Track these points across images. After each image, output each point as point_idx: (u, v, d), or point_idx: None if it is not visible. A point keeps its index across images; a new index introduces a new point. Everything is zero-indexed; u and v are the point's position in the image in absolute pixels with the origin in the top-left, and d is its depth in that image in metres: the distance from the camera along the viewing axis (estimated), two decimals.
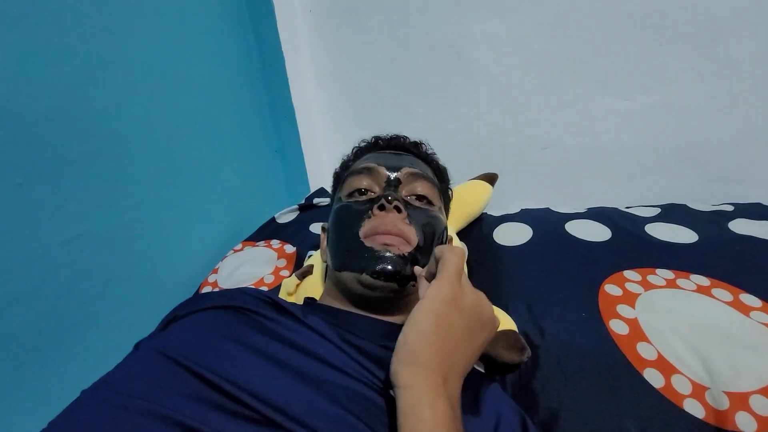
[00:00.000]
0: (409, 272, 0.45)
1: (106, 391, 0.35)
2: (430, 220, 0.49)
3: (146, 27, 0.72)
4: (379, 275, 0.43)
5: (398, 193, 0.50)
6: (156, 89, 0.74)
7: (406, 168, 0.52)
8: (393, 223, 0.46)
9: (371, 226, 0.46)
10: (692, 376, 0.43)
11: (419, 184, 0.52)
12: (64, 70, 0.59)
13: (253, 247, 0.83)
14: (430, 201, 0.52)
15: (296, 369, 0.37)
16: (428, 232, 0.48)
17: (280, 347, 0.39)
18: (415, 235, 0.47)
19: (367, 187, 0.51)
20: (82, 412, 0.34)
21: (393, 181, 0.51)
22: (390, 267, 0.43)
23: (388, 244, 0.45)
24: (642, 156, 0.85)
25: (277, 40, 0.94)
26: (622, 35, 0.79)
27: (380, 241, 0.45)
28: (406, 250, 0.45)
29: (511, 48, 0.88)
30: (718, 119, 0.78)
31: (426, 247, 0.47)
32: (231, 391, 0.33)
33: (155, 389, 0.34)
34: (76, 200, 0.61)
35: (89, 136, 0.63)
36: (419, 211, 0.49)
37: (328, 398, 0.35)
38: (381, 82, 1.00)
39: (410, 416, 0.29)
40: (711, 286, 0.50)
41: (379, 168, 0.52)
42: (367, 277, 0.44)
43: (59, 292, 0.60)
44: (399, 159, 0.55)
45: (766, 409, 0.40)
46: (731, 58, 0.74)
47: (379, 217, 0.46)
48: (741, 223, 0.61)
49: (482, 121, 0.95)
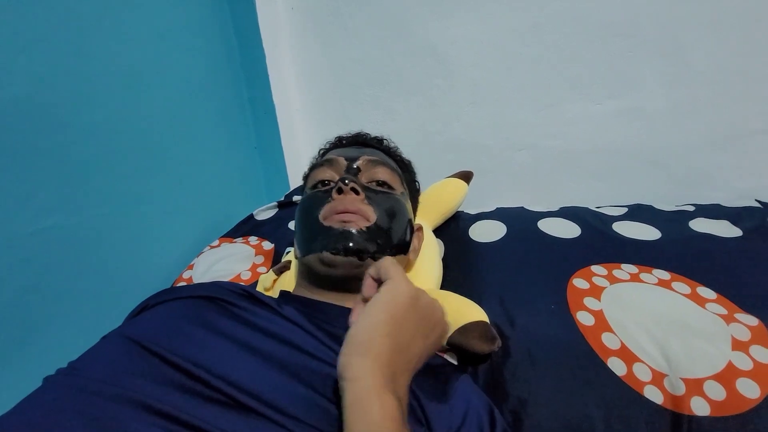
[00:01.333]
0: (369, 248, 0.46)
1: (70, 376, 0.34)
2: (391, 202, 0.50)
3: (124, 18, 0.71)
4: (338, 251, 0.44)
5: (358, 179, 0.51)
6: (133, 82, 0.73)
7: (365, 156, 0.54)
8: (352, 203, 0.47)
9: (329, 207, 0.48)
10: (652, 364, 0.45)
11: (379, 170, 0.53)
12: (35, 57, 0.58)
13: (230, 243, 0.82)
14: (390, 186, 0.53)
15: (268, 354, 0.37)
16: (388, 212, 0.49)
17: (251, 333, 0.39)
18: (374, 212, 0.48)
19: (329, 178, 0.53)
20: (46, 396, 0.33)
21: (353, 169, 0.52)
22: (349, 243, 0.44)
23: (346, 221, 0.46)
24: (612, 158, 0.88)
25: (259, 37, 0.94)
26: (595, 42, 0.83)
27: (337, 218, 0.46)
28: (364, 225, 0.47)
29: (490, 52, 0.90)
30: (681, 124, 0.82)
31: (385, 226, 0.48)
32: (199, 375, 0.33)
33: (121, 373, 0.34)
34: (46, 191, 0.60)
35: (61, 126, 0.61)
36: (380, 195, 0.50)
37: (301, 382, 0.35)
38: (362, 81, 1.01)
39: (357, 410, 0.28)
40: (671, 279, 0.53)
41: (339, 158, 0.54)
42: (327, 254, 0.45)
43: (25, 287, 0.58)
44: (359, 151, 0.56)
45: (718, 394, 0.42)
46: (694, 67, 0.78)
47: (338, 200, 0.48)
48: (700, 222, 0.64)
49: (461, 123, 0.97)
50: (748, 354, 0.43)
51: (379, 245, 0.47)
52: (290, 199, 0.91)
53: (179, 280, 0.74)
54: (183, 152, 0.84)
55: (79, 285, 0.65)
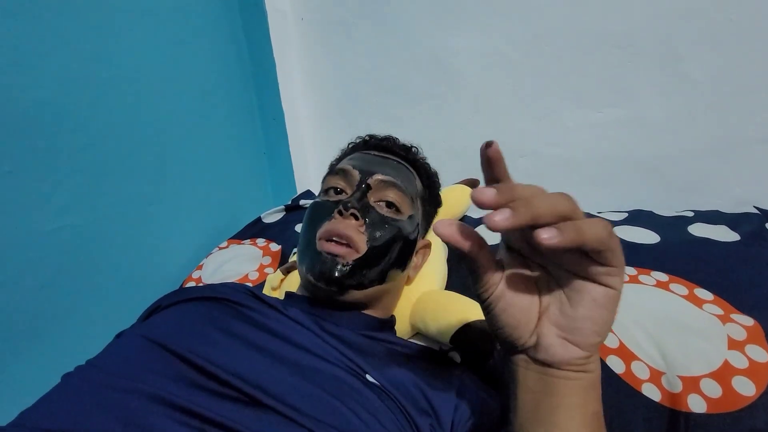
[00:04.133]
0: (351, 282, 0.46)
1: (91, 372, 0.36)
2: (390, 229, 0.50)
3: (142, 26, 0.74)
4: (320, 278, 0.46)
5: (366, 199, 0.51)
6: (149, 87, 0.76)
7: (378, 175, 0.52)
8: (346, 229, 0.47)
9: (326, 229, 0.48)
10: (650, 362, 0.46)
11: (390, 192, 0.52)
12: (58, 62, 0.60)
13: (238, 244, 0.84)
14: (398, 209, 0.52)
15: (276, 354, 0.39)
16: (381, 241, 0.49)
17: (261, 334, 0.41)
18: (366, 243, 0.48)
19: (341, 187, 0.53)
20: (69, 390, 0.34)
21: (363, 187, 0.51)
22: (334, 274, 0.45)
23: (334, 254, 0.46)
24: (612, 166, 0.90)
25: (269, 46, 0.97)
26: (594, 53, 0.85)
27: (326, 248, 0.47)
28: (351, 258, 0.47)
29: (492, 62, 0.93)
30: (680, 133, 0.84)
31: (374, 256, 0.48)
32: (213, 371, 0.34)
33: (141, 370, 0.35)
34: (64, 191, 0.62)
35: (80, 128, 0.64)
36: (381, 219, 0.50)
37: (308, 380, 0.37)
38: (368, 90, 1.04)
39: (595, 391, 0.29)
40: (669, 281, 0.54)
41: (353, 171, 0.52)
42: (311, 277, 0.47)
43: (42, 282, 0.60)
44: (379, 163, 0.55)
45: (714, 391, 0.43)
46: (692, 77, 0.80)
47: (336, 222, 0.48)
48: (699, 227, 0.65)
49: (464, 130, 0.99)
50: (743, 353, 0.44)
51: (363, 275, 0.47)
52: (297, 203, 0.93)
53: (188, 280, 0.76)
54: (194, 156, 0.87)
55: (92, 282, 0.67)
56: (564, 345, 0.28)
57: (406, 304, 0.57)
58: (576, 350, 0.28)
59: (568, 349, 0.28)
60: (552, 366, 0.28)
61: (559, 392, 0.29)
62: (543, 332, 0.29)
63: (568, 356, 0.28)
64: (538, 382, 0.29)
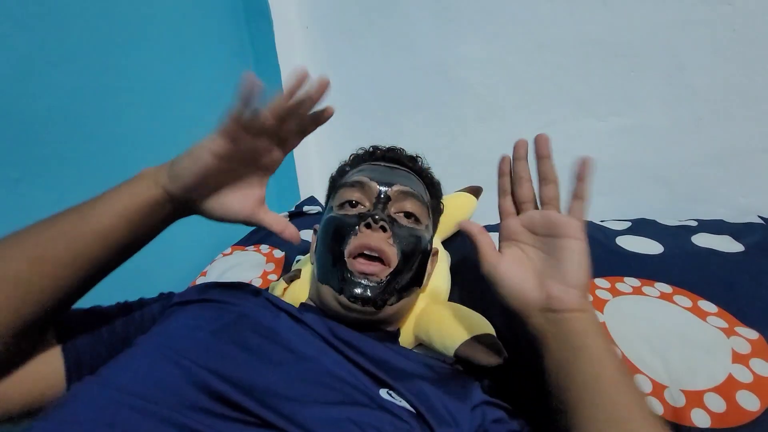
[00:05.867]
0: (387, 299, 0.47)
1: (101, 387, 0.34)
2: (414, 240, 0.50)
3: (149, 35, 0.75)
4: (356, 299, 0.46)
5: (387, 209, 0.51)
6: (156, 95, 0.77)
7: (398, 186, 0.53)
8: (377, 242, 0.48)
9: (356, 244, 0.48)
10: (653, 376, 0.46)
11: (409, 202, 0.53)
12: (67, 72, 0.61)
13: (242, 251, 0.84)
14: (417, 219, 0.53)
15: (293, 371, 0.38)
16: (409, 251, 0.50)
17: (276, 348, 0.40)
18: (396, 256, 0.48)
19: (357, 200, 0.52)
20: (78, 406, 0.33)
21: (383, 197, 0.51)
22: (368, 294, 0.46)
23: (368, 274, 0.47)
24: (615, 174, 0.90)
25: (274, 53, 0.98)
26: (597, 62, 0.85)
27: (359, 268, 0.47)
28: (384, 275, 0.47)
29: (496, 70, 0.93)
30: (684, 142, 0.84)
31: (405, 267, 0.49)
32: (227, 394, 0.33)
33: (152, 388, 0.34)
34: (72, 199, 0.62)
35: (88, 137, 0.65)
36: (405, 230, 0.50)
37: (321, 401, 0.36)
38: (372, 97, 1.04)
39: (598, 333, 0.38)
40: (673, 293, 0.54)
41: (371, 183, 0.52)
42: (344, 299, 0.46)
43: None
44: (392, 174, 0.55)
45: (718, 406, 0.43)
46: (694, 85, 0.80)
47: (365, 236, 0.48)
48: (703, 237, 0.65)
49: (467, 138, 1.00)
50: (748, 367, 0.44)
51: (396, 291, 0.48)
52: (301, 210, 0.93)
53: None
54: None
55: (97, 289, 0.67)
56: (566, 290, 0.39)
57: (410, 315, 0.57)
58: (575, 291, 0.39)
59: (570, 293, 0.39)
60: (564, 311, 0.39)
61: (577, 330, 0.38)
62: (549, 287, 0.40)
63: (571, 298, 0.39)
64: (559, 329, 0.38)
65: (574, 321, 0.38)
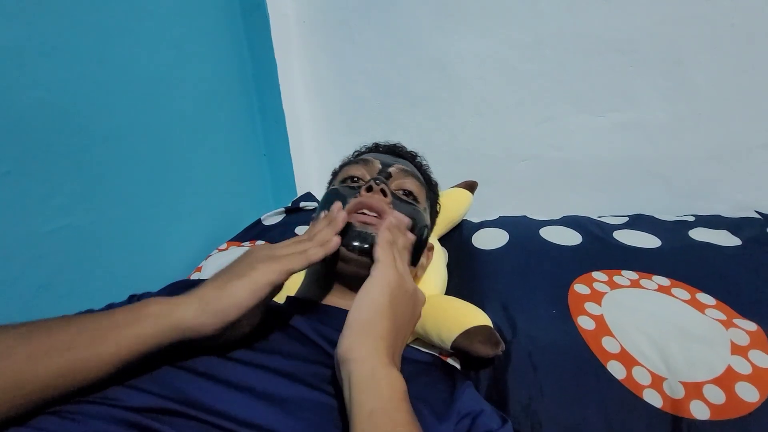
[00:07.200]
0: None
1: (97, 405, 0.32)
2: (413, 214, 0.51)
3: (142, 28, 0.74)
4: (353, 249, 0.45)
5: (388, 183, 0.52)
6: (149, 89, 0.75)
7: (399, 164, 0.56)
8: (378, 202, 0.48)
9: (356, 201, 0.48)
10: (651, 368, 0.46)
11: (409, 180, 0.55)
12: (58, 63, 0.60)
13: (238, 247, 0.83)
14: (416, 198, 0.55)
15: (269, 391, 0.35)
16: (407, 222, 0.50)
17: (270, 358, 0.38)
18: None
19: (360, 176, 0.54)
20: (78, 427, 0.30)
21: (384, 173, 0.54)
22: (365, 244, 0.45)
23: (367, 222, 0.47)
24: (613, 170, 0.90)
25: (271, 48, 0.97)
26: (595, 57, 0.85)
27: (359, 219, 0.47)
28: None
29: (494, 66, 0.93)
30: (682, 138, 0.84)
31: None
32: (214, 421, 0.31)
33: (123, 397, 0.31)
34: (63, 193, 0.62)
35: (79, 130, 0.64)
36: (404, 204, 0.52)
37: (301, 418, 0.33)
38: (370, 93, 1.04)
39: (366, 387, 0.29)
40: (671, 286, 0.54)
41: (374, 160, 0.56)
42: (343, 249, 0.45)
43: (39, 284, 0.59)
44: (394, 159, 0.58)
45: (717, 398, 0.42)
46: (693, 81, 0.80)
47: (365, 197, 0.49)
48: (700, 232, 0.65)
49: (466, 134, 0.99)
50: (747, 358, 0.44)
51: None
52: (297, 206, 0.92)
53: None
54: (195, 157, 0.87)
55: (90, 284, 0.66)
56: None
57: None
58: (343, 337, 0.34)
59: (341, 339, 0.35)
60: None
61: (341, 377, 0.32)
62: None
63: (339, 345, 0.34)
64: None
65: (350, 374, 0.31)
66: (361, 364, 0.30)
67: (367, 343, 0.31)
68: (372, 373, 0.29)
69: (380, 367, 0.30)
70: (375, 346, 0.31)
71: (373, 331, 0.32)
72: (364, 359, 0.30)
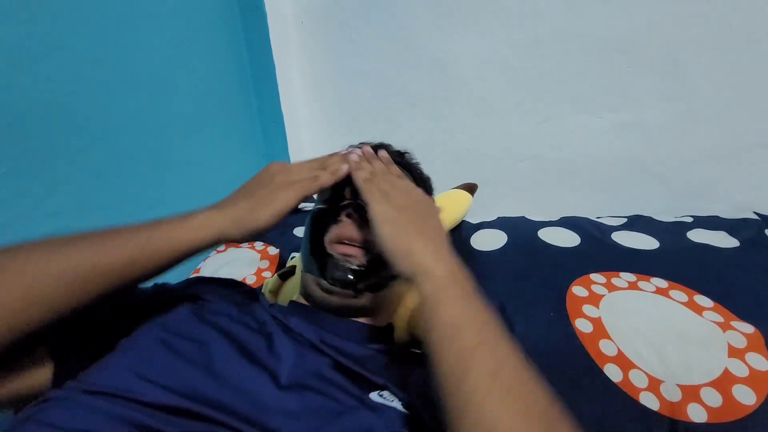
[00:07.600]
0: (366, 284, 0.46)
1: (78, 392, 0.33)
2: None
3: (141, 29, 0.74)
4: (335, 282, 0.45)
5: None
6: (148, 90, 0.75)
7: None
8: (358, 232, 0.47)
9: (336, 233, 0.48)
10: (649, 370, 0.46)
11: None
12: (57, 63, 0.60)
13: (236, 248, 0.83)
14: None
15: (277, 383, 0.36)
16: None
17: (271, 360, 0.39)
18: (377, 245, 0.47)
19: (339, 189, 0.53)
20: (53, 412, 0.31)
21: None
22: (348, 276, 0.45)
23: (348, 255, 0.46)
24: (612, 170, 0.90)
25: (269, 49, 0.97)
26: (594, 58, 0.85)
27: (340, 250, 0.47)
28: (365, 259, 0.47)
29: (493, 66, 0.92)
30: (680, 138, 0.83)
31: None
32: (209, 414, 0.32)
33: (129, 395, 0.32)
34: (60, 194, 0.62)
35: (78, 130, 0.64)
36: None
37: (304, 418, 0.34)
38: (369, 93, 1.03)
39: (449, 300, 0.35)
40: (669, 287, 0.54)
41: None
42: (324, 282, 0.46)
43: None
44: None
45: (714, 400, 0.42)
46: (691, 81, 0.80)
47: (345, 225, 0.48)
48: (698, 233, 0.65)
49: (465, 134, 0.99)
50: (743, 361, 0.44)
51: (378, 276, 0.47)
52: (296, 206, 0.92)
53: None
54: (194, 158, 0.87)
55: None
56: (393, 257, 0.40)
57: (403, 312, 0.56)
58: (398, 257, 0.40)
59: (397, 260, 0.40)
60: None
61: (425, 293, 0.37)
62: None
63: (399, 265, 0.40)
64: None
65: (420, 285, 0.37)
66: (432, 275, 0.36)
67: (425, 257, 0.38)
68: (452, 276, 0.36)
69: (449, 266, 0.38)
70: (433, 254, 0.38)
71: (411, 252, 0.38)
72: (431, 268, 0.37)
